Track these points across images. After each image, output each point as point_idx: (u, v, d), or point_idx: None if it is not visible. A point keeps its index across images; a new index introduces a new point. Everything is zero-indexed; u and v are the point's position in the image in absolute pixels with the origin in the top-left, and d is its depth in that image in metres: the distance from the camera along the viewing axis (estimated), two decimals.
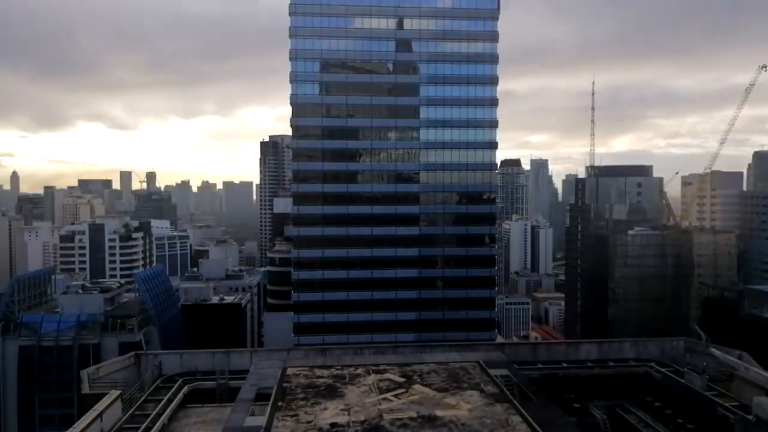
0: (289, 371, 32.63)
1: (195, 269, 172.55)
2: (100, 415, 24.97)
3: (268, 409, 26.85)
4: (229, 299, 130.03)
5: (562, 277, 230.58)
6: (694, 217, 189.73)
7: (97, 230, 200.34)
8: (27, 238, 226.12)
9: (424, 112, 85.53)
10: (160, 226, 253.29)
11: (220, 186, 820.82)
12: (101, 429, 25.03)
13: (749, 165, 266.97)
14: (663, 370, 38.24)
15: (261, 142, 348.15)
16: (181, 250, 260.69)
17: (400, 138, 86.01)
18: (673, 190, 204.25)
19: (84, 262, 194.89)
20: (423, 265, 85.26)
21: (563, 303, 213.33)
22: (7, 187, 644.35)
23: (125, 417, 27.74)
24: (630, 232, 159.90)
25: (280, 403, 27.62)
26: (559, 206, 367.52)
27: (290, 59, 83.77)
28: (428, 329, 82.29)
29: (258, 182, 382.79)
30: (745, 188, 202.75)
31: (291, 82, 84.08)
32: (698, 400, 33.40)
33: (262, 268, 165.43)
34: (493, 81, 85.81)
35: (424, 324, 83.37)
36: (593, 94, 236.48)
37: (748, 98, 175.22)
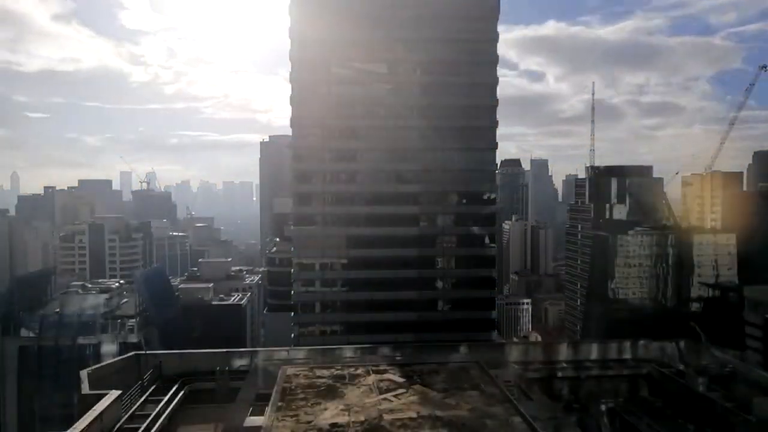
0: (289, 371, 32.59)
1: (195, 269, 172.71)
2: (100, 415, 24.90)
3: (268, 409, 26.83)
4: (229, 300, 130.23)
5: (563, 277, 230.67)
6: (694, 217, 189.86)
7: (97, 230, 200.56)
8: (27, 238, 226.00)
9: (425, 112, 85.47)
10: (160, 226, 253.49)
11: (220, 186, 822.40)
12: (101, 429, 24.98)
13: (749, 165, 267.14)
14: (663, 370, 38.20)
15: (261, 142, 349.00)
16: (180, 250, 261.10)
17: (401, 138, 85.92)
18: (673, 190, 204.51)
19: (84, 262, 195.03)
20: (423, 265, 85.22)
21: (563, 303, 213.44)
22: (7, 187, 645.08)
23: (125, 417, 27.69)
24: (630, 232, 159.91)
25: (280, 403, 27.61)
26: (559, 206, 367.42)
27: (290, 59, 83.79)
28: (428, 329, 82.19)
29: (258, 182, 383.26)
30: (745, 188, 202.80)
31: (291, 81, 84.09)
32: (698, 401, 33.39)
33: (262, 268, 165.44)
34: (494, 81, 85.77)
35: (424, 324, 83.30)
36: (593, 94, 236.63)
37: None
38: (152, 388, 32.27)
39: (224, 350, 37.46)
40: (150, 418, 27.71)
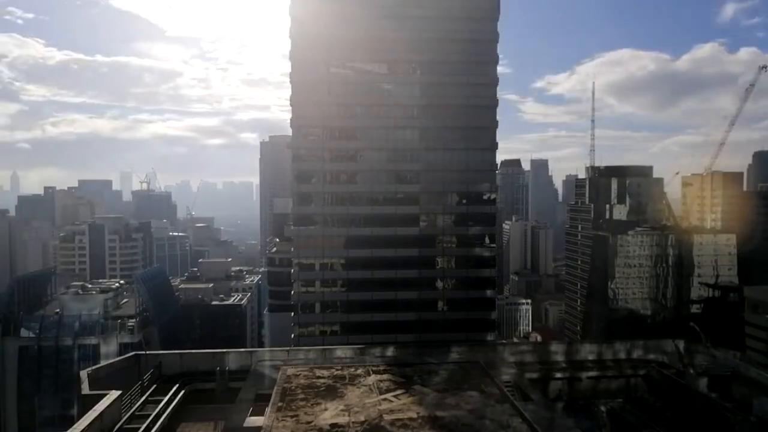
0: (289, 371, 32.63)
1: (195, 269, 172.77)
2: (100, 415, 24.92)
3: (268, 409, 26.85)
4: (229, 300, 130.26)
5: (563, 278, 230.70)
6: (694, 217, 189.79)
7: (97, 230, 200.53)
8: (27, 238, 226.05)
9: (425, 112, 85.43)
10: (160, 226, 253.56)
11: (220, 186, 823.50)
12: (101, 429, 24.99)
13: (749, 165, 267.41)
14: (663, 370, 38.21)
15: (261, 142, 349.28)
16: (180, 250, 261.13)
17: (401, 138, 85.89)
18: (673, 190, 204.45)
19: (84, 262, 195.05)
20: (423, 266, 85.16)
21: (563, 303, 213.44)
22: (7, 187, 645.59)
23: (125, 417, 27.68)
24: (630, 232, 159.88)
25: (280, 404, 27.62)
26: (559, 206, 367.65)
27: (290, 59, 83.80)
28: (428, 330, 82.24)
29: (258, 182, 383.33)
30: (745, 188, 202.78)
31: (291, 81, 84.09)
32: (698, 401, 33.38)
33: (262, 268, 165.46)
34: (494, 82, 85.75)
35: (424, 324, 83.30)
36: (593, 93, 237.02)
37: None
38: (152, 388, 32.25)
39: (224, 350, 37.50)
40: (150, 418, 27.70)
